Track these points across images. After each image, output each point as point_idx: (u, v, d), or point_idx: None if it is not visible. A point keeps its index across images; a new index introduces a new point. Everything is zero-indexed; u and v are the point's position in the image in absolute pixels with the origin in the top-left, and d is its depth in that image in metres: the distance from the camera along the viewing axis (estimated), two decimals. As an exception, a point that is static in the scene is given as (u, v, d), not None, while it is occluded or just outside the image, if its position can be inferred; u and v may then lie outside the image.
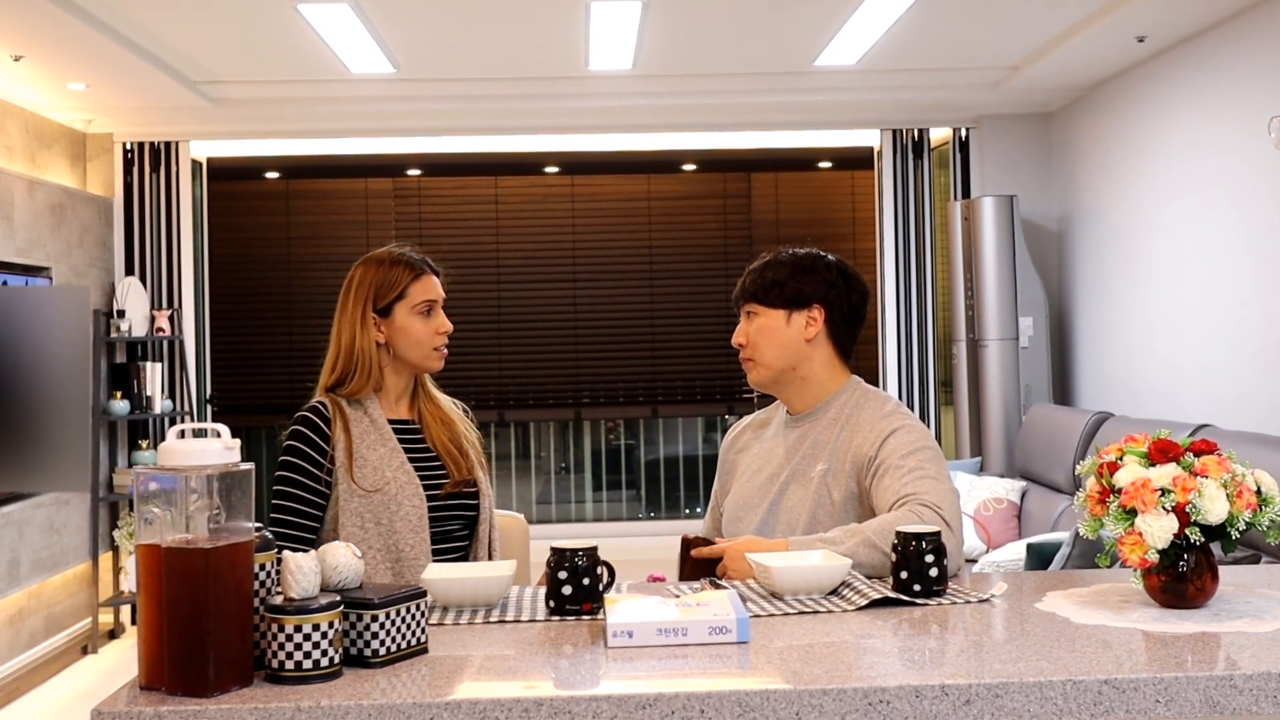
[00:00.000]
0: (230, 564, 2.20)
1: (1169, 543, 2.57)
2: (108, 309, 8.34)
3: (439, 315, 3.63)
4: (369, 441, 3.53)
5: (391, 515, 3.46)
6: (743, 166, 9.72)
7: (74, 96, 7.84)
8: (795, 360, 3.49)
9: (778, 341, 3.49)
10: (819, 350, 3.50)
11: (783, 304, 3.49)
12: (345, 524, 3.45)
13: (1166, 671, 2.19)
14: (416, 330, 3.59)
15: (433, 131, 9.01)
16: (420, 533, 3.48)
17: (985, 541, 7.32)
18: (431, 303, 3.62)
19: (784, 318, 3.49)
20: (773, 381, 3.54)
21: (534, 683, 2.27)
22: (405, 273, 3.60)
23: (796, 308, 3.48)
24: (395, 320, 3.58)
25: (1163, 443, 2.70)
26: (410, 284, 3.60)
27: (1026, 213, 8.67)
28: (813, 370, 3.50)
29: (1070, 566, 4.79)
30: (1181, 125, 7.00)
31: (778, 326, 3.49)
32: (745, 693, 2.14)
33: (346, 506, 3.46)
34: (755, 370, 3.54)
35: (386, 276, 3.59)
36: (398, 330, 3.58)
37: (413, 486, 3.50)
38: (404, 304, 3.58)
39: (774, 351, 3.49)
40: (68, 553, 7.79)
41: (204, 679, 2.15)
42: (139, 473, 2.26)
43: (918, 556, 2.78)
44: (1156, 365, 7.29)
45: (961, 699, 2.15)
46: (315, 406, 3.56)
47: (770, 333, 3.49)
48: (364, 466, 3.49)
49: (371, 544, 3.44)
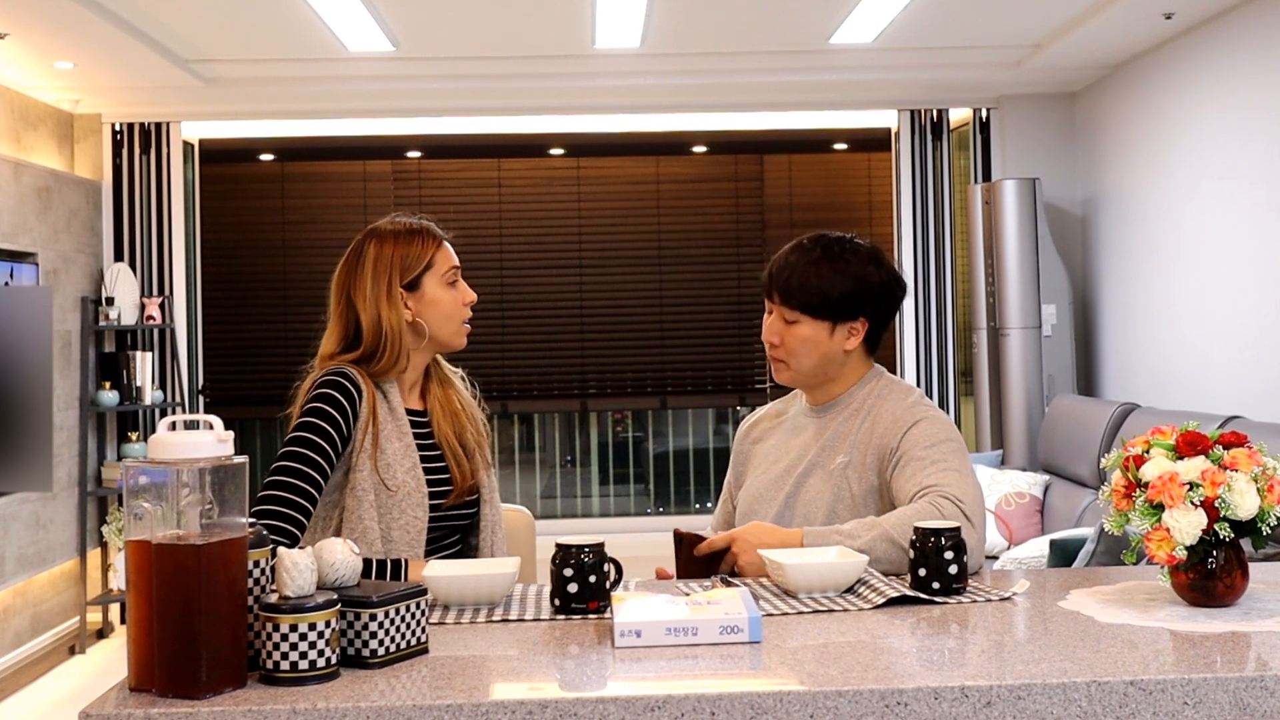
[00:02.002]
0: (223, 561, 2.20)
1: (1197, 539, 2.57)
2: (96, 296, 8.35)
3: (462, 284, 3.52)
4: (388, 431, 3.36)
5: (390, 522, 3.30)
6: (755, 148, 9.70)
7: (61, 76, 7.84)
8: (830, 365, 3.48)
9: (819, 353, 3.46)
10: (853, 354, 3.50)
11: (829, 315, 3.43)
12: (350, 517, 3.27)
13: (1195, 672, 2.19)
14: (446, 302, 3.46)
15: (433, 112, 9.01)
16: (416, 547, 3.31)
17: (1007, 537, 7.32)
18: (456, 270, 3.51)
19: (828, 330, 3.44)
20: (803, 382, 3.53)
21: (538, 684, 2.27)
22: (430, 240, 3.50)
23: (842, 320, 3.44)
24: (425, 293, 3.44)
25: (1191, 435, 2.70)
26: (436, 252, 3.48)
27: (1049, 196, 8.66)
28: (842, 371, 3.50)
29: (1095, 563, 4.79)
30: (1211, 105, 6.98)
31: (820, 339, 3.44)
32: (758, 694, 2.14)
33: (363, 498, 3.28)
34: (786, 372, 3.51)
35: (410, 248, 3.47)
36: (428, 304, 3.44)
37: (420, 494, 3.34)
38: (432, 274, 3.46)
39: (812, 361, 3.47)
40: (54, 549, 7.80)
41: (196, 680, 2.15)
42: (128, 466, 2.26)
43: (937, 553, 2.78)
44: (1184, 354, 7.28)
45: (982, 701, 2.15)
46: (348, 374, 3.35)
47: (812, 345, 3.45)
48: (383, 457, 3.32)
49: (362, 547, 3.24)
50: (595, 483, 10.21)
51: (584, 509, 10.17)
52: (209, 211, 9.27)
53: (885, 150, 9.39)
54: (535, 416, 10.11)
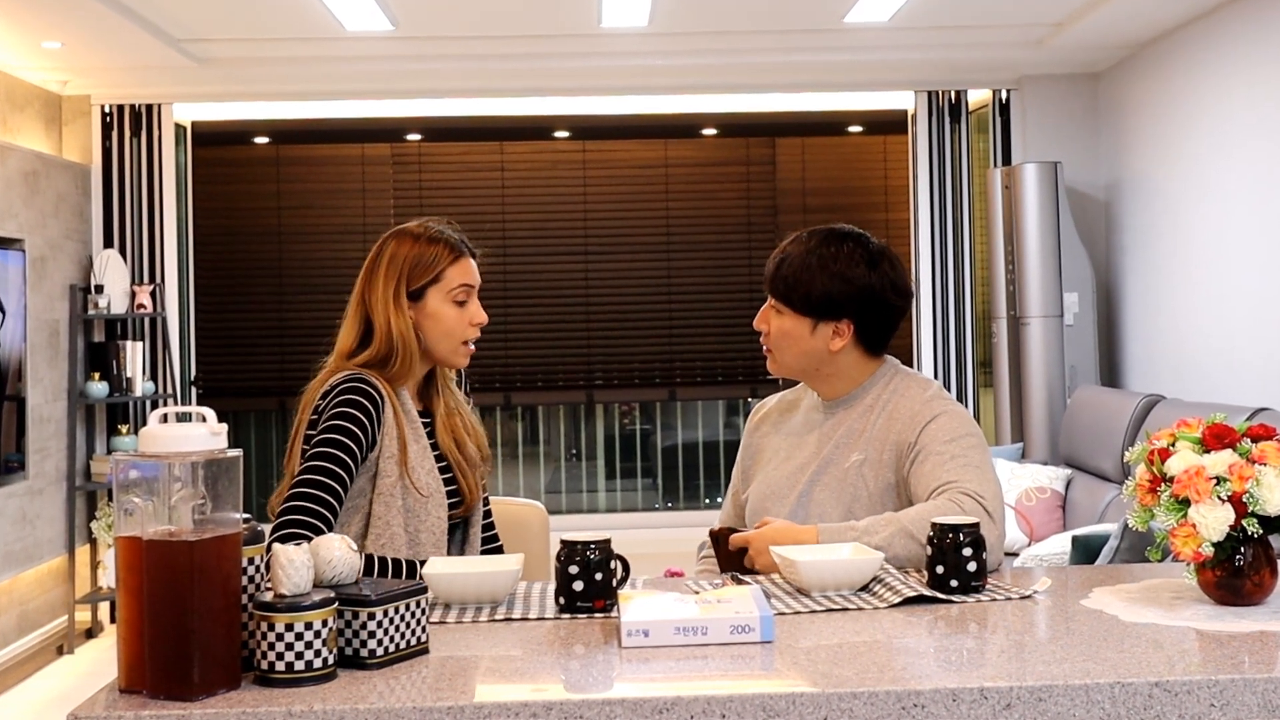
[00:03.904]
0: (217, 558, 2.21)
1: (1225, 535, 2.57)
2: (85, 284, 8.35)
3: (474, 304, 3.47)
4: (408, 435, 3.36)
5: (418, 525, 3.32)
6: (767, 131, 9.70)
7: (48, 56, 7.84)
8: (817, 364, 3.47)
9: (799, 349, 3.45)
10: (845, 356, 3.47)
11: (808, 312, 3.42)
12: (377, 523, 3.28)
13: (1222, 673, 2.19)
14: (449, 319, 3.43)
15: (434, 93, 9.00)
16: (441, 549, 3.34)
17: (1027, 534, 7.32)
18: (469, 289, 3.46)
19: (809, 326, 3.43)
20: (792, 375, 3.53)
21: (543, 685, 2.27)
22: (444, 253, 3.44)
23: (824, 319, 3.42)
24: (426, 305, 3.41)
25: (1218, 427, 2.69)
26: (448, 266, 3.42)
27: (1071, 181, 8.65)
28: (838, 369, 3.48)
29: (1118, 560, 4.79)
30: (1239, 85, 6.97)
31: (801, 334, 3.44)
32: (770, 696, 2.14)
33: (391, 503, 3.29)
34: (773, 363, 3.53)
35: (423, 255, 3.42)
36: (428, 316, 3.41)
37: (440, 495, 3.37)
38: (438, 288, 3.42)
39: (793, 356, 3.47)
40: (42, 546, 7.81)
41: (188, 681, 2.16)
42: (118, 460, 2.26)
43: (955, 549, 2.78)
44: (1211, 344, 7.27)
45: (1002, 703, 2.15)
46: (370, 380, 3.34)
47: (792, 339, 3.45)
48: (410, 461, 3.33)
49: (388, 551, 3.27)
50: (601, 477, 10.22)
51: (590, 504, 10.18)
52: (202, 196, 9.28)
53: (902, 133, 9.37)
54: (539, 408, 10.11)
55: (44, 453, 7.80)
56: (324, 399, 3.32)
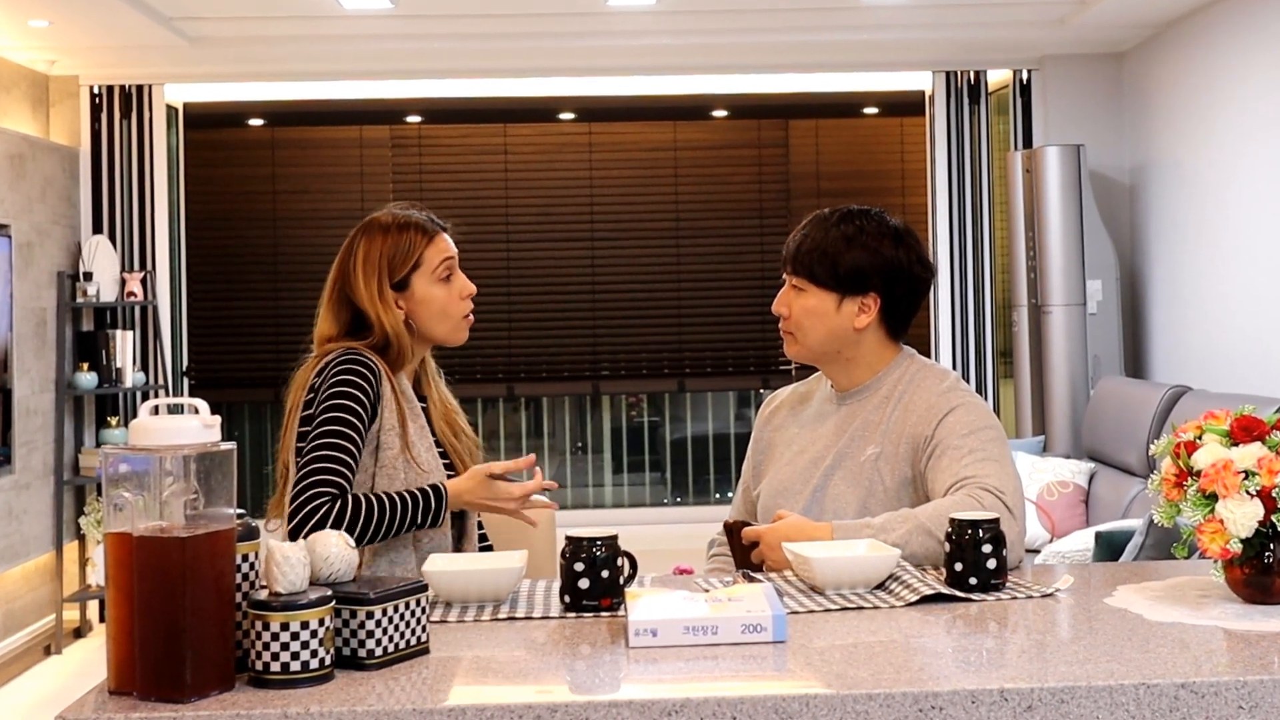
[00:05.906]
0: (209, 555, 2.21)
1: (1253, 531, 2.57)
2: (73, 271, 8.36)
3: (460, 277, 3.57)
4: (407, 413, 3.46)
5: None
6: (779, 113, 9.69)
7: (35, 34, 7.84)
8: (841, 345, 3.48)
9: (824, 327, 3.46)
10: (869, 335, 3.48)
11: (835, 286, 3.44)
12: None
13: (1251, 674, 2.19)
14: (439, 299, 3.52)
15: (434, 74, 9.00)
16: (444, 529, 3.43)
17: (1049, 529, 7.32)
18: (450, 262, 3.55)
19: (834, 302, 3.44)
20: (813, 359, 3.54)
21: (547, 686, 2.28)
22: (418, 237, 3.53)
23: (850, 293, 3.43)
24: (415, 292, 3.51)
25: (1246, 420, 2.69)
26: (425, 248, 3.52)
27: (1095, 164, 8.64)
28: (860, 352, 3.49)
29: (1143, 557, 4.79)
30: (1268, 66, 6.96)
31: (826, 311, 3.45)
32: (782, 697, 2.14)
33: (395, 477, 3.37)
34: (794, 346, 3.52)
35: (399, 245, 3.50)
36: (419, 303, 3.51)
37: (440, 475, 3.46)
38: (421, 272, 3.51)
39: (818, 335, 3.47)
40: (28, 542, 7.81)
41: (180, 682, 2.16)
42: (108, 453, 2.27)
43: (974, 546, 2.78)
44: (1239, 333, 7.27)
45: (1023, 704, 2.15)
46: (363, 354, 3.42)
47: (817, 316, 3.46)
48: (410, 437, 3.43)
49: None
50: (608, 471, 10.21)
51: (596, 499, 10.18)
52: (194, 180, 9.28)
53: (919, 115, 9.36)
54: (544, 400, 10.11)
55: (31, 446, 7.80)
56: (319, 376, 3.40)
